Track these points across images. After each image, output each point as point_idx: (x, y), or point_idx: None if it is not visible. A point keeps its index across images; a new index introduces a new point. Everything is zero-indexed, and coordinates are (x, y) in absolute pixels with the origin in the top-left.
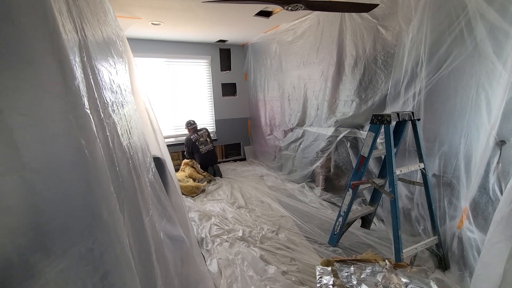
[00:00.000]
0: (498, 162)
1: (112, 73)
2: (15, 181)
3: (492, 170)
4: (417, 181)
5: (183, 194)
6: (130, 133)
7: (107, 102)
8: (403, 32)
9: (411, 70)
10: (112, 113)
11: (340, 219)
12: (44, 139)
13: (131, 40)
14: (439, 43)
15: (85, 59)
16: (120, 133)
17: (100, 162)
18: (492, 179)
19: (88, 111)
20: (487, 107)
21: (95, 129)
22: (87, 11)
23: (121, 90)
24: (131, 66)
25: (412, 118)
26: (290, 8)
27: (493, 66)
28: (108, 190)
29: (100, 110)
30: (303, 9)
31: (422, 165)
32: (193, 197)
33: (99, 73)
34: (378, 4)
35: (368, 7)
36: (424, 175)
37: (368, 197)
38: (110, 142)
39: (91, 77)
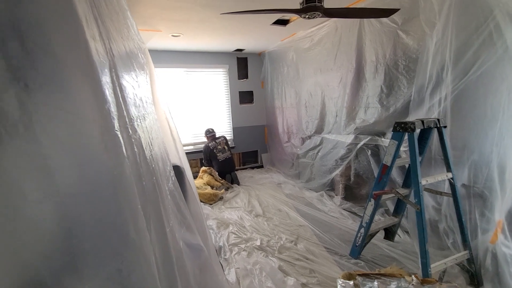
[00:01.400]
0: None
1: (135, 87)
2: (51, 207)
3: None
4: (445, 191)
5: (201, 201)
6: (151, 145)
7: (133, 117)
8: (426, 36)
9: (436, 75)
10: (137, 128)
11: (362, 230)
12: (78, 164)
13: (153, 51)
14: (466, 46)
15: (114, 78)
16: (144, 147)
17: (129, 181)
18: None
19: (118, 133)
20: None
21: (124, 149)
22: (113, 30)
23: (143, 103)
24: (152, 77)
25: (438, 125)
26: (307, 16)
27: None
28: (136, 209)
29: (128, 127)
30: (321, 17)
31: (450, 175)
32: (211, 204)
33: (125, 90)
34: (399, 9)
35: (388, 12)
36: (452, 185)
37: (391, 207)
38: (137, 157)
39: (120, 96)
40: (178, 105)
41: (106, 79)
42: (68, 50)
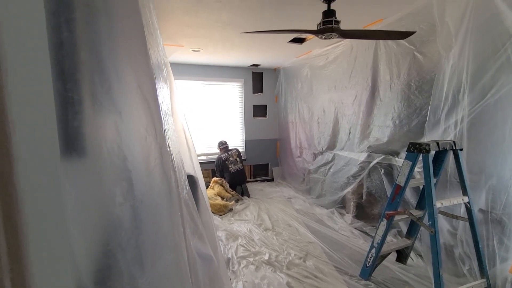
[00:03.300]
0: None
1: (164, 101)
2: (128, 209)
3: None
4: (461, 215)
5: (211, 212)
6: (172, 155)
7: (167, 132)
8: (443, 58)
9: (452, 97)
10: (169, 142)
11: (373, 250)
12: (146, 176)
13: (172, 64)
14: (483, 70)
15: (159, 99)
16: (172, 158)
17: (175, 190)
18: None
19: (169, 149)
20: None
21: (172, 163)
22: (154, 44)
23: (167, 116)
24: (172, 89)
25: (454, 148)
26: (324, 37)
27: None
28: (177, 215)
29: (167, 142)
30: (337, 37)
31: (466, 199)
32: (221, 215)
33: (161, 105)
34: (415, 32)
35: (404, 34)
36: (469, 210)
37: (404, 229)
38: (175, 169)
39: (162, 114)
40: (194, 115)
41: (161, 103)
42: (135, 80)
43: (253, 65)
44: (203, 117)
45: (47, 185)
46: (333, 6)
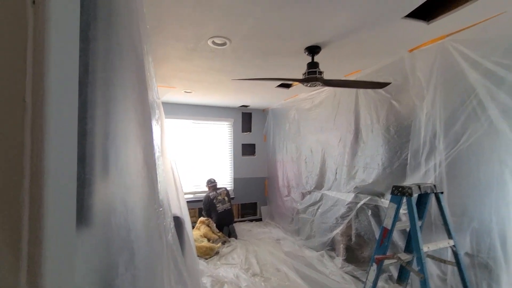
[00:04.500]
0: None
1: (158, 158)
2: (129, 279)
3: None
4: (449, 259)
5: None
6: (166, 214)
7: (160, 191)
8: (417, 107)
9: (429, 142)
10: (163, 201)
11: None
12: (146, 243)
13: (164, 103)
14: (454, 118)
15: (154, 142)
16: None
17: (166, 248)
18: None
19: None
20: None
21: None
22: (150, 91)
23: (158, 161)
24: (162, 128)
25: (435, 191)
26: (309, 85)
27: None
28: (168, 273)
29: (159, 182)
30: (321, 86)
31: (452, 242)
32: (207, 259)
33: (155, 149)
34: (390, 83)
35: (381, 85)
36: (455, 254)
37: (395, 273)
38: (168, 226)
39: (156, 158)
40: (183, 153)
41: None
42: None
43: (243, 105)
44: (192, 155)
45: (63, 254)
46: (316, 58)
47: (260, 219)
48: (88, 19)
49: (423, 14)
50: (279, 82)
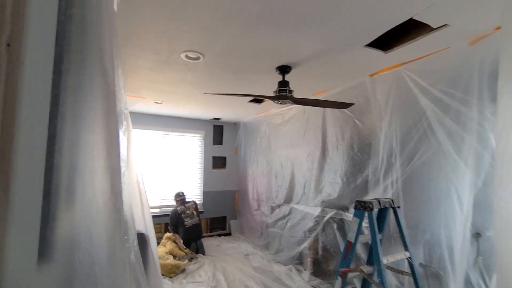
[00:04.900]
0: (478, 255)
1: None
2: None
3: (473, 262)
4: (405, 270)
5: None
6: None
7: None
8: (377, 127)
9: (387, 160)
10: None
11: None
12: (108, 274)
13: (132, 113)
14: (408, 138)
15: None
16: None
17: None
18: (475, 272)
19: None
20: (458, 200)
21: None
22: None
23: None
24: (129, 140)
25: (393, 206)
26: (279, 102)
27: (456, 163)
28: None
29: (124, 200)
30: (291, 104)
31: (408, 254)
32: (172, 277)
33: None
34: (354, 104)
35: (346, 105)
36: (411, 265)
37: (358, 285)
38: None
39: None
40: (150, 166)
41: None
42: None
43: (215, 118)
44: (161, 168)
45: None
46: (287, 77)
47: (229, 234)
48: (61, 52)
49: (381, 44)
50: (252, 97)
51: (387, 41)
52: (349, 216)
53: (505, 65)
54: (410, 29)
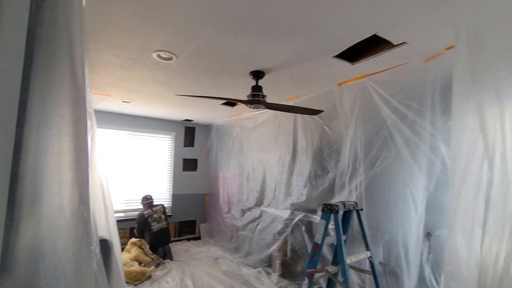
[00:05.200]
0: (429, 253)
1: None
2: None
3: (426, 260)
4: (367, 269)
5: (125, 282)
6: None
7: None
8: (343, 133)
9: (352, 165)
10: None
11: None
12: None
13: (97, 112)
14: (371, 145)
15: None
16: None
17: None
18: (427, 269)
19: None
20: (413, 202)
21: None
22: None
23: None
24: (93, 140)
25: (356, 208)
26: (252, 107)
27: (412, 169)
28: None
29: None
30: (263, 108)
31: (369, 253)
32: (137, 285)
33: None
34: (323, 111)
35: (315, 112)
36: (371, 264)
37: (324, 285)
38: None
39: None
40: (116, 168)
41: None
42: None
43: (186, 119)
44: (126, 170)
45: None
46: (260, 82)
47: (199, 238)
48: (31, 56)
49: (349, 56)
50: (225, 100)
51: (354, 54)
52: (317, 218)
53: (458, 78)
54: (375, 44)
